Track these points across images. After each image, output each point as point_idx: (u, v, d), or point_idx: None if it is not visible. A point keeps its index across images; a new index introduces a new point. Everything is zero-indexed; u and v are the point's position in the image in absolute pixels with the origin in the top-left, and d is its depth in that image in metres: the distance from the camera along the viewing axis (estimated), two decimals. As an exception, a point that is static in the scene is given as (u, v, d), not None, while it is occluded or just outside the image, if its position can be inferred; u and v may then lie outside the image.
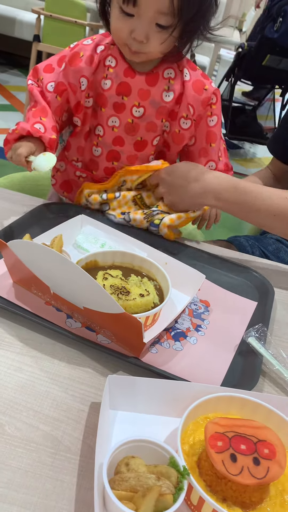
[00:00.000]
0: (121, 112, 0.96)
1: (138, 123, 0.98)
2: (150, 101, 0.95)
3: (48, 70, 0.97)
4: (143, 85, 0.94)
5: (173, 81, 0.96)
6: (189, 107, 0.97)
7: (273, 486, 0.53)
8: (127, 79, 0.93)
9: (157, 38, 0.84)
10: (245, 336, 0.76)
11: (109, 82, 0.94)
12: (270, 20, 3.09)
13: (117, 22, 0.85)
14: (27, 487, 0.51)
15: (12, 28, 4.41)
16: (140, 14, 0.81)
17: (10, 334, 0.69)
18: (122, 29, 0.85)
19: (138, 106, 0.95)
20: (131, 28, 0.83)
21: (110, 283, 0.74)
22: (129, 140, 1.00)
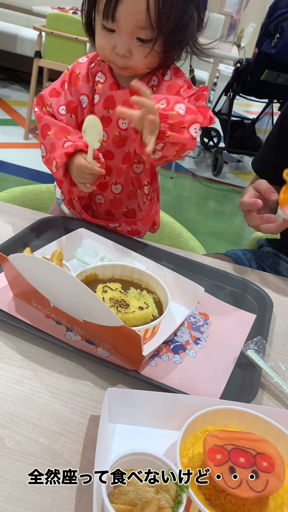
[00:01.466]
0: (108, 125, 0.98)
1: (125, 135, 0.99)
2: None
3: (54, 95, 0.98)
4: (126, 96, 0.95)
5: (156, 87, 0.96)
6: (162, 101, 0.83)
7: (272, 499, 0.53)
8: (112, 92, 0.96)
9: (139, 52, 0.86)
10: (244, 349, 0.76)
11: (97, 97, 0.97)
12: (267, 36, 3.14)
13: (100, 39, 0.88)
14: (26, 501, 0.51)
15: (14, 45, 4.48)
16: (120, 29, 0.83)
17: (10, 347, 0.69)
18: (105, 46, 0.87)
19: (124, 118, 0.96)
20: (113, 43, 0.86)
21: (110, 296, 0.75)
22: (117, 153, 1.01)
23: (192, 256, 1.04)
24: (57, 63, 3.38)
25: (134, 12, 0.80)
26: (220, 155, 3.81)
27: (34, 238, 0.94)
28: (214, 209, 3.35)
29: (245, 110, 6.00)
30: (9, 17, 4.69)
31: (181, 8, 0.83)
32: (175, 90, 0.93)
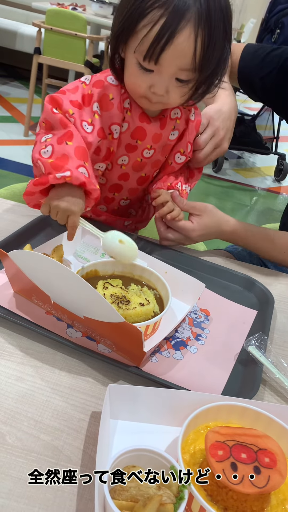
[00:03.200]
0: (132, 152, 0.97)
1: (146, 162, 0.99)
2: (160, 143, 0.97)
3: (75, 105, 0.86)
4: (157, 130, 0.94)
5: (179, 120, 0.97)
6: (188, 144, 1.00)
7: (274, 495, 0.52)
8: (142, 124, 0.92)
9: (177, 91, 0.83)
10: (245, 345, 0.76)
11: (126, 125, 0.92)
12: (268, 32, 3.13)
13: (134, 77, 0.83)
14: (27, 498, 0.51)
15: (13, 41, 4.47)
16: (161, 71, 0.79)
17: (10, 344, 0.69)
18: (141, 85, 0.82)
19: (150, 149, 0.97)
20: (151, 83, 0.81)
21: (111, 292, 0.75)
22: (134, 176, 1.02)
23: (193, 252, 1.04)
24: (57, 59, 3.38)
25: (181, 56, 0.77)
26: (220, 152, 3.80)
27: (35, 235, 0.94)
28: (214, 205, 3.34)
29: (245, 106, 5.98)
30: (8, 13, 4.68)
31: (221, 49, 0.80)
32: (199, 128, 1.01)
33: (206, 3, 0.75)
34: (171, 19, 0.73)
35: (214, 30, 0.77)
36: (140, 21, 0.76)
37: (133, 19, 0.76)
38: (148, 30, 0.75)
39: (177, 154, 1.01)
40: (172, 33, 0.74)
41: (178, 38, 0.74)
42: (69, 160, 0.78)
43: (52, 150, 0.79)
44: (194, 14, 0.74)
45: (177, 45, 0.75)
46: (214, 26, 0.77)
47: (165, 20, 0.73)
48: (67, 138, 0.81)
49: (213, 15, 0.76)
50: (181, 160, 1.02)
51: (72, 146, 0.80)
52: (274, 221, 1.53)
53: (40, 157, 0.79)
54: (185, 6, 0.73)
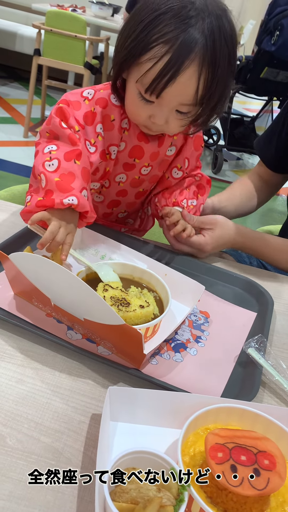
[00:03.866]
0: (130, 170, 0.97)
1: (144, 178, 1.00)
2: (158, 160, 0.98)
3: (80, 124, 0.85)
4: (154, 149, 0.95)
5: (176, 137, 0.97)
6: (185, 160, 1.00)
7: (274, 497, 0.53)
8: (140, 143, 0.93)
9: (177, 123, 0.83)
10: (244, 347, 0.76)
11: (123, 144, 0.93)
12: (267, 33, 3.14)
13: (134, 106, 0.83)
14: (28, 500, 0.51)
15: (13, 42, 4.47)
16: (161, 104, 0.79)
17: (11, 346, 0.69)
18: (140, 114, 0.83)
19: (147, 166, 0.97)
20: (150, 113, 0.81)
21: (111, 294, 0.75)
22: (132, 191, 1.02)
23: (192, 255, 1.04)
24: (57, 60, 3.38)
25: (183, 93, 0.77)
26: (220, 153, 3.81)
27: (35, 237, 0.94)
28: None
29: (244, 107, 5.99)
30: (8, 14, 4.68)
31: (225, 82, 0.80)
32: (199, 144, 1.02)
33: (212, 42, 0.74)
34: (176, 57, 0.73)
35: (218, 68, 0.76)
36: (144, 53, 0.75)
37: (137, 51, 0.76)
38: (152, 65, 0.74)
39: (174, 169, 1.01)
40: (176, 71, 0.73)
41: (181, 76, 0.74)
42: (75, 180, 0.77)
43: (58, 165, 0.77)
44: (199, 53, 0.73)
45: (180, 83, 0.75)
46: (219, 64, 0.76)
47: (170, 57, 0.73)
48: (76, 157, 0.80)
49: (219, 53, 0.75)
50: (178, 175, 1.02)
51: (80, 166, 0.79)
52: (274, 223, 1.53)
53: (44, 170, 0.77)
54: (191, 45, 0.72)
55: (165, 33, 0.73)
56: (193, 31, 0.73)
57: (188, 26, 0.73)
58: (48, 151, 0.80)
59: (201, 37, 0.73)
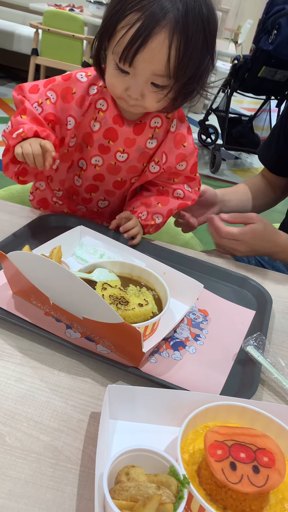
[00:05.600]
0: (106, 154, 0.98)
1: (120, 166, 1.00)
2: (135, 148, 0.97)
3: (34, 91, 0.92)
4: (129, 135, 0.95)
5: (158, 129, 0.97)
6: (163, 155, 0.99)
7: (273, 494, 0.53)
8: (115, 126, 0.94)
9: (152, 96, 0.84)
10: (243, 345, 0.76)
11: (97, 125, 0.94)
12: (265, 33, 3.14)
13: (112, 78, 0.84)
14: (27, 498, 0.51)
15: (10, 42, 4.47)
16: (135, 74, 0.80)
17: (10, 345, 0.69)
18: (117, 86, 0.84)
19: (123, 152, 0.97)
20: (126, 85, 0.82)
21: (109, 293, 0.75)
22: (109, 178, 1.02)
23: (191, 253, 1.04)
24: (54, 60, 3.38)
25: (154, 61, 0.77)
26: (218, 152, 3.81)
27: (33, 236, 0.94)
28: (212, 206, 3.35)
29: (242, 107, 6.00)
30: (6, 14, 4.67)
31: (199, 59, 0.80)
32: (181, 142, 1.00)
33: (184, 11, 0.75)
34: (147, 23, 0.74)
35: (191, 38, 0.77)
36: (119, 22, 0.77)
37: (113, 20, 0.78)
38: (125, 32, 0.76)
39: (151, 163, 1.00)
40: (146, 37, 0.75)
41: (151, 42, 0.75)
42: (24, 124, 0.86)
43: (11, 125, 0.89)
44: (170, 20, 0.74)
45: (150, 49, 0.76)
46: (192, 35, 0.77)
47: (140, 23, 0.74)
48: (21, 112, 0.89)
49: (191, 24, 0.76)
50: (154, 169, 1.01)
51: (26, 118, 0.88)
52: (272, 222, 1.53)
53: (3, 134, 0.90)
54: (162, 12, 0.74)
55: (139, 1, 0.75)
56: (166, 0, 0.75)
57: None
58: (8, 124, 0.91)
59: (173, 5, 0.75)
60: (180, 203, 1.06)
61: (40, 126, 0.87)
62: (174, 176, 1.04)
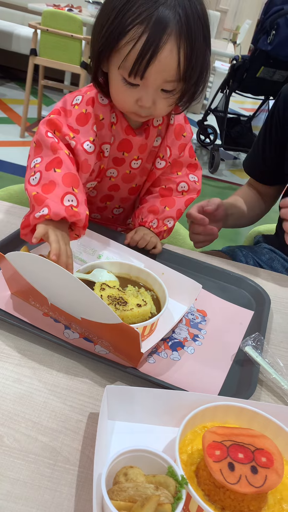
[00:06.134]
0: (121, 165, 0.98)
1: (135, 173, 1.00)
2: (146, 152, 0.98)
3: (73, 131, 0.86)
4: (142, 141, 0.95)
5: (161, 126, 0.98)
6: (167, 149, 1.00)
7: (271, 494, 0.53)
8: (128, 137, 0.93)
9: (164, 102, 0.84)
10: (242, 345, 0.76)
11: (112, 139, 0.94)
12: (263, 33, 3.14)
13: (120, 93, 0.83)
14: (26, 499, 0.51)
15: (9, 42, 4.46)
16: (146, 85, 0.80)
17: (8, 346, 0.69)
18: (127, 100, 0.83)
19: (137, 159, 0.98)
20: (137, 97, 0.82)
21: (108, 293, 0.75)
22: (124, 187, 1.02)
23: (189, 253, 1.04)
24: (53, 60, 3.37)
25: (166, 69, 0.77)
26: (216, 152, 3.81)
27: (31, 236, 0.94)
28: (211, 206, 3.35)
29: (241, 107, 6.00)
30: (4, 14, 4.67)
31: (203, 56, 0.81)
32: (180, 133, 1.00)
33: (184, 15, 0.76)
34: (153, 34, 0.74)
35: (195, 40, 0.78)
36: (122, 38, 0.76)
37: (114, 37, 0.77)
38: (131, 47, 0.75)
39: (157, 159, 1.01)
40: (156, 48, 0.75)
41: (161, 53, 0.75)
42: (55, 187, 0.76)
43: (40, 177, 0.78)
44: (174, 27, 0.75)
45: (161, 59, 0.76)
46: (195, 36, 0.77)
47: (147, 36, 0.74)
48: (56, 165, 0.79)
49: (193, 25, 0.77)
50: (161, 165, 1.01)
51: (60, 173, 0.78)
52: (271, 222, 1.54)
53: (28, 185, 0.79)
54: (165, 20, 0.74)
55: (139, 14, 0.74)
56: (165, 8, 0.75)
57: (159, 4, 0.74)
58: (33, 165, 0.81)
59: (173, 12, 0.75)
60: (187, 199, 1.04)
61: (75, 186, 0.79)
62: (177, 168, 1.03)
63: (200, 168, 1.07)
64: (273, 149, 1.22)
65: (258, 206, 1.33)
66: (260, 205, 1.33)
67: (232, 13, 7.48)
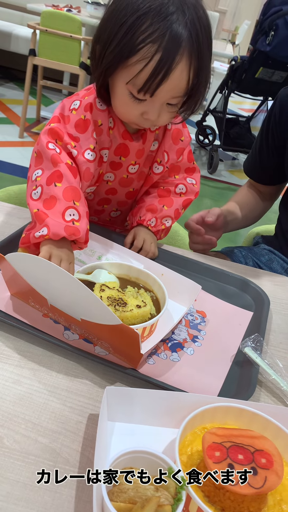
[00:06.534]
0: (118, 169, 0.97)
1: (132, 177, 1.00)
2: (144, 157, 0.98)
3: (74, 139, 0.85)
4: (139, 146, 0.95)
5: (158, 131, 0.97)
6: (164, 154, 0.99)
7: (271, 495, 0.53)
8: (125, 142, 0.93)
9: (168, 115, 0.84)
10: (241, 346, 0.76)
11: (109, 143, 0.93)
12: (262, 34, 3.15)
13: (125, 106, 0.82)
14: (26, 500, 0.51)
15: (8, 43, 4.46)
16: (154, 100, 0.79)
17: (8, 347, 0.69)
18: (132, 113, 0.83)
19: (134, 164, 0.97)
20: (143, 110, 0.82)
21: (107, 294, 0.75)
22: (122, 191, 1.02)
23: (188, 254, 1.04)
24: (52, 61, 3.37)
25: (176, 88, 0.78)
26: (215, 153, 3.82)
27: (31, 237, 0.94)
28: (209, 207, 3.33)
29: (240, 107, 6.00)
30: (3, 14, 4.67)
31: (208, 69, 0.81)
32: (178, 137, 1.00)
33: (195, 33, 0.75)
34: (166, 55, 0.73)
35: (203, 57, 0.78)
36: (132, 55, 0.75)
37: (124, 53, 0.75)
38: (143, 66, 0.74)
39: (154, 164, 1.00)
40: (169, 69, 0.74)
41: (174, 73, 0.75)
42: (56, 203, 0.77)
43: (41, 191, 0.79)
44: (186, 47, 0.74)
45: (174, 79, 0.76)
46: (203, 53, 0.78)
47: (160, 56, 0.73)
48: (56, 179, 0.79)
49: (201, 40, 0.76)
50: (158, 170, 1.00)
51: (61, 188, 0.78)
52: (269, 222, 1.54)
53: (30, 200, 0.79)
54: (178, 39, 0.73)
55: (151, 33, 0.73)
56: (177, 26, 0.74)
57: (171, 22, 0.73)
58: (34, 178, 0.81)
59: (185, 30, 0.74)
60: (184, 199, 1.04)
61: (76, 199, 0.79)
62: (175, 172, 1.04)
63: (198, 171, 1.08)
64: (271, 153, 1.23)
65: (259, 207, 1.33)
66: (260, 206, 1.34)
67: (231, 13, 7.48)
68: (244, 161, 1.37)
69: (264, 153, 1.25)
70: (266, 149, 1.24)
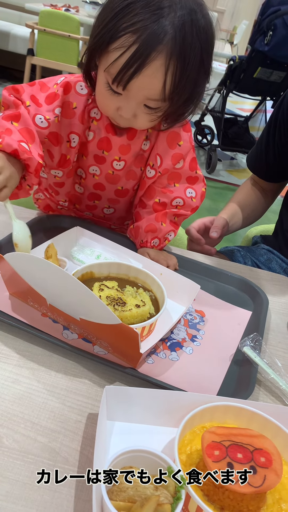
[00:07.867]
0: (102, 163, 0.95)
1: (119, 174, 0.97)
2: (131, 154, 0.94)
3: (35, 101, 0.84)
4: (123, 142, 0.91)
5: (151, 129, 0.93)
6: (157, 157, 0.94)
7: (270, 494, 0.53)
8: (108, 135, 0.90)
9: (145, 117, 0.81)
10: (240, 346, 0.77)
11: (91, 134, 0.91)
12: (260, 34, 3.15)
13: (103, 97, 0.80)
14: (25, 499, 0.51)
15: (6, 42, 4.46)
16: (128, 96, 0.77)
17: (7, 346, 0.69)
18: (109, 105, 0.81)
19: (119, 160, 0.94)
20: (118, 105, 0.79)
21: (106, 294, 0.75)
22: (110, 187, 1.00)
23: (187, 254, 1.04)
24: (50, 60, 3.37)
25: (149, 87, 0.74)
26: (214, 153, 3.82)
27: (30, 237, 0.94)
28: (208, 206, 3.35)
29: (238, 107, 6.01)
30: (1, 14, 4.66)
31: (195, 81, 0.77)
32: (175, 141, 0.92)
33: (182, 35, 0.71)
34: (143, 48, 0.70)
35: (188, 63, 0.73)
36: (112, 42, 0.73)
37: (106, 38, 0.73)
38: (119, 54, 0.72)
39: (147, 168, 0.96)
40: (142, 63, 0.71)
41: (147, 69, 0.72)
42: (12, 134, 0.76)
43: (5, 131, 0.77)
44: (167, 46, 0.70)
45: (145, 76, 0.72)
46: (189, 60, 0.73)
47: (136, 48, 0.70)
48: (14, 118, 0.79)
49: (189, 48, 0.72)
50: (151, 174, 0.96)
51: (17, 127, 0.78)
52: (268, 222, 1.54)
53: None
54: (159, 36, 0.70)
55: (134, 22, 0.70)
56: (163, 22, 0.70)
57: (159, 16, 0.70)
58: None
59: (170, 29, 0.70)
60: (179, 214, 0.98)
61: (29, 141, 0.78)
62: (174, 179, 0.96)
63: (201, 181, 0.99)
64: (276, 149, 1.23)
65: (261, 206, 1.33)
66: (262, 204, 1.34)
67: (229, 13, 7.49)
68: (247, 157, 1.37)
69: (269, 150, 1.24)
70: (272, 147, 1.23)
